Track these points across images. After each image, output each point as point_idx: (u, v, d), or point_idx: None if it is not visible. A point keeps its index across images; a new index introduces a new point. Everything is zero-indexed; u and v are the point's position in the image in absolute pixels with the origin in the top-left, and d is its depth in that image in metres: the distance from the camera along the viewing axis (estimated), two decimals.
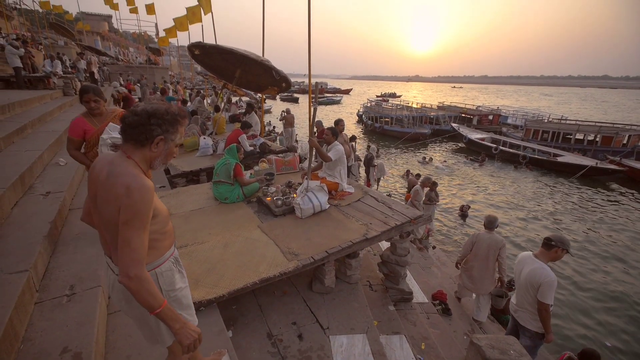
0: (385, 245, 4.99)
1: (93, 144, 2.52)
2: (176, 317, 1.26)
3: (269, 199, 4.01)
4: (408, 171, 13.03)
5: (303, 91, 49.77)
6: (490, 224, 4.43)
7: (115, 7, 23.66)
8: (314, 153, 4.27)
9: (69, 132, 2.48)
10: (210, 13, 10.21)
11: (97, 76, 12.99)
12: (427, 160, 16.42)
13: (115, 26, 40.26)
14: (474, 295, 4.84)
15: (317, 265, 2.97)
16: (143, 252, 1.18)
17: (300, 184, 4.28)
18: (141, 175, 1.21)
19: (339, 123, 5.84)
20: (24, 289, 1.86)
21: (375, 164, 9.35)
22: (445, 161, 16.87)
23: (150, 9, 18.25)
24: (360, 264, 3.54)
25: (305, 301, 3.09)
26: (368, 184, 9.56)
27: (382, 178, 10.10)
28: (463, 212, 9.73)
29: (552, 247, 2.84)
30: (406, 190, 10.50)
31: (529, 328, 2.97)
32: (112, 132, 2.49)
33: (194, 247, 3.04)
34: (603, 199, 12.21)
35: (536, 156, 16.20)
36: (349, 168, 6.44)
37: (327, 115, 34.58)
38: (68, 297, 2.05)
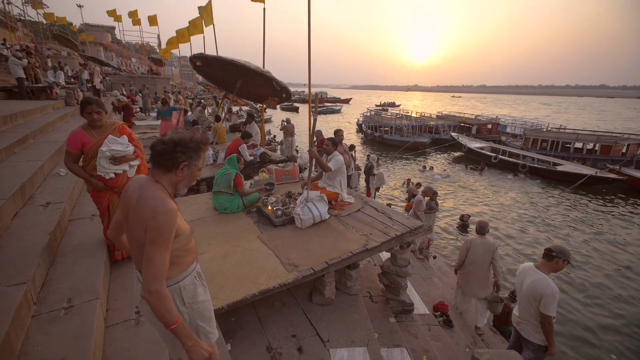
0: (385, 255, 4.96)
1: (91, 157, 2.48)
2: (189, 334, 1.33)
3: (269, 209, 4.01)
4: (408, 180, 13.02)
5: (303, 100, 50.16)
6: (482, 229, 4.61)
7: (118, 19, 24.06)
8: (313, 163, 4.28)
9: (67, 145, 2.44)
10: (212, 25, 10.38)
11: (99, 86, 13.09)
12: (427, 169, 16.44)
13: (118, 37, 40.84)
14: (472, 300, 4.87)
15: (317, 276, 2.95)
16: (164, 269, 1.28)
17: (300, 194, 4.28)
18: (167, 198, 1.34)
19: (337, 133, 5.87)
20: (21, 302, 1.84)
21: (375, 173, 9.36)
22: (445, 170, 16.90)
23: (152, 20, 18.68)
24: (360, 274, 3.52)
25: (305, 313, 3.06)
26: (368, 193, 9.55)
27: (381, 187, 10.09)
28: (463, 222, 9.70)
29: (553, 258, 2.82)
30: (406, 199, 10.50)
31: (532, 341, 2.93)
32: (111, 145, 2.47)
33: None
34: (604, 208, 12.18)
35: (536, 165, 16.22)
36: (349, 177, 6.45)
37: (328, 123, 34.81)
38: (65, 310, 2.03)
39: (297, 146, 11.98)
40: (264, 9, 7.74)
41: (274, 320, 2.97)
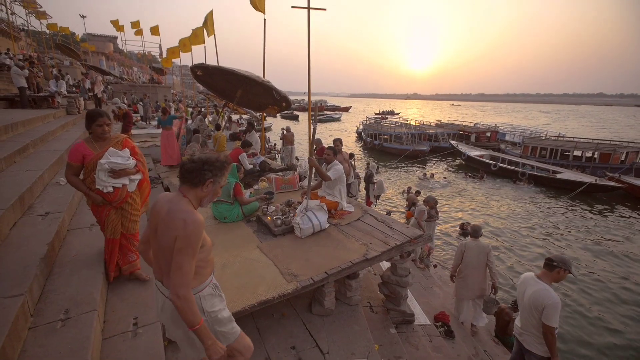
0: (386, 264, 4.93)
1: (91, 170, 2.44)
2: (209, 335, 1.50)
3: (268, 218, 4.00)
4: (409, 188, 13.01)
5: (303, 109, 50.45)
6: (475, 232, 4.74)
7: (120, 28, 24.42)
8: (313, 172, 4.29)
9: (68, 157, 2.42)
10: (213, 35, 10.49)
11: (100, 95, 13.19)
12: (428, 177, 16.45)
13: (120, 47, 41.30)
14: (468, 302, 4.93)
15: (316, 286, 2.93)
16: (191, 276, 1.45)
17: (299, 202, 4.27)
18: (195, 211, 1.50)
19: (336, 142, 5.90)
20: (18, 314, 1.82)
21: (375, 181, 9.36)
22: (445, 177, 16.92)
23: (154, 30, 19.12)
24: (360, 284, 3.49)
25: (304, 324, 3.03)
26: (368, 202, 9.53)
27: (380, 195, 10.07)
28: (464, 230, 9.66)
29: (554, 268, 2.80)
30: (406, 207, 10.47)
31: (534, 352, 2.89)
32: (111, 158, 2.43)
33: None
34: (604, 216, 12.15)
35: (535, 173, 16.25)
36: (348, 186, 6.45)
37: (329, 131, 34.94)
38: (62, 322, 2.01)
39: (296, 156, 12.02)
40: (265, 19, 7.84)
41: (273, 331, 2.94)
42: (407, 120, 31.57)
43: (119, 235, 2.59)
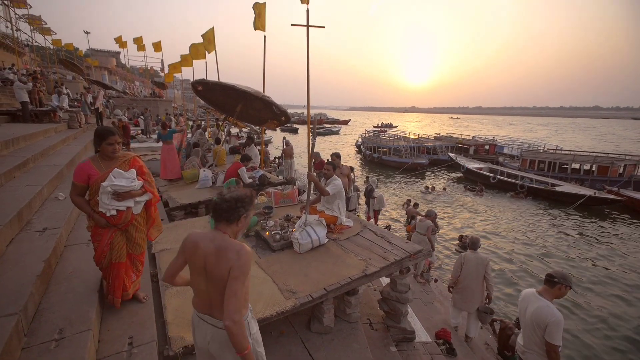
0: (385, 280, 4.88)
1: (95, 191, 2.33)
2: (253, 357, 1.62)
3: (267, 233, 3.98)
4: (408, 201, 13.00)
5: (303, 122, 50.92)
6: (474, 244, 4.82)
7: (124, 45, 24.87)
8: (312, 186, 4.30)
9: (73, 177, 2.32)
10: (214, 50, 10.70)
11: (101, 109, 13.34)
12: (429, 190, 16.46)
13: (123, 62, 41.94)
14: (463, 312, 4.99)
15: (315, 303, 2.89)
16: (244, 302, 1.61)
17: (298, 217, 4.26)
18: (243, 243, 1.65)
19: (335, 156, 5.93)
20: (12, 333, 1.80)
21: (375, 196, 9.36)
22: (445, 189, 16.94)
23: (157, 46, 19.29)
24: (360, 301, 3.45)
25: (303, 342, 2.97)
26: (368, 217, 9.50)
27: (380, 210, 10.05)
28: (463, 243, 9.59)
29: (556, 284, 2.75)
30: (406, 221, 10.42)
31: None
32: (115, 180, 2.31)
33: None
34: (604, 229, 12.11)
35: (534, 186, 16.28)
36: (348, 199, 6.44)
37: (328, 144, 35.11)
38: (57, 342, 1.98)
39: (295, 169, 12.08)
40: (265, 36, 8.02)
41: (271, 350, 2.88)
42: (406, 134, 31.81)
43: (124, 258, 2.49)
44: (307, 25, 5.01)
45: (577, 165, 18.66)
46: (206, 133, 12.82)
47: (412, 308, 4.81)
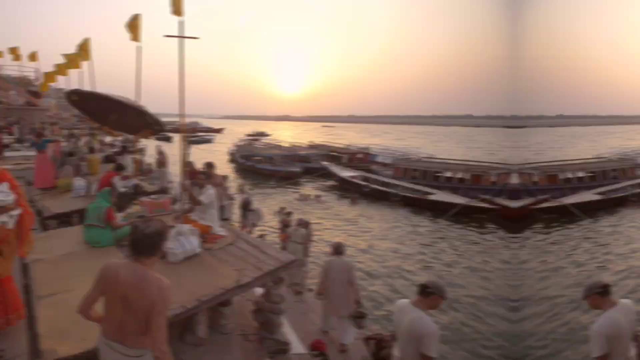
0: (260, 290, 5.54)
1: None
2: None
3: None
4: (282, 208, 14.11)
5: (176, 130, 48.70)
6: (338, 249, 5.69)
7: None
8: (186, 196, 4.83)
9: None
10: (90, 60, 12.33)
11: None
12: (305, 197, 18.25)
13: None
14: (334, 318, 5.67)
15: (189, 314, 3.38)
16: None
17: (172, 227, 4.64)
18: (161, 277, 1.97)
19: (209, 166, 6.58)
20: None
21: (253, 208, 10.10)
22: (319, 197, 19.21)
23: (32, 57, 23.39)
24: (234, 312, 4.05)
25: (176, 354, 3.40)
26: (243, 226, 10.12)
27: (258, 224, 10.86)
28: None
29: (430, 295, 2.88)
30: (280, 229, 11.40)
31: None
32: None
33: (61, 295, 3.20)
34: (476, 237, 14.19)
35: (408, 194, 18.96)
36: (222, 208, 7.06)
37: (202, 152, 34.68)
38: None
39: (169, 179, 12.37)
40: (140, 47, 9.13)
41: None
42: (279, 142, 34.69)
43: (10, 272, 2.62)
44: (180, 37, 5.50)
45: (450, 174, 21.29)
46: (81, 142, 14.20)
47: (288, 319, 5.38)
